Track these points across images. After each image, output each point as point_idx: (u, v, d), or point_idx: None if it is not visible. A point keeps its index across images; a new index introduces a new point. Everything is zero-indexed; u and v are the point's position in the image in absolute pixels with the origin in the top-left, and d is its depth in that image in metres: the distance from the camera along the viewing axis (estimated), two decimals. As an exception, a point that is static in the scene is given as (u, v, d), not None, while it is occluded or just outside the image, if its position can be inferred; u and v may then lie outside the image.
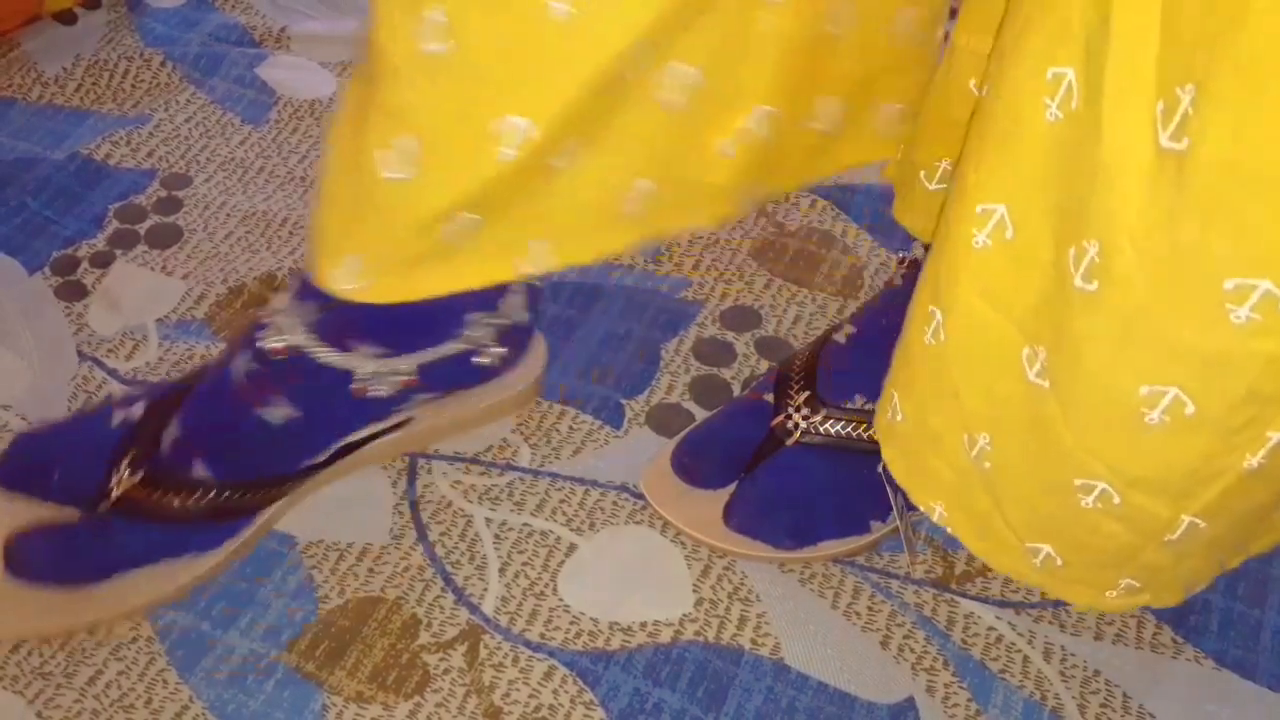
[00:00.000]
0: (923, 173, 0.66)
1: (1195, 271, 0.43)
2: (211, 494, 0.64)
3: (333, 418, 0.67)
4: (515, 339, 0.70)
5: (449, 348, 0.66)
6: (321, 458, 0.68)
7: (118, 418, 0.67)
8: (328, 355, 0.63)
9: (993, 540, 0.59)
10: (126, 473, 0.64)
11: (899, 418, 0.60)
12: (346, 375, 0.64)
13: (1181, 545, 0.53)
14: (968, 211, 0.50)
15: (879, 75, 0.62)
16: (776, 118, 0.58)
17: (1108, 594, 0.58)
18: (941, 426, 0.57)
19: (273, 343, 0.63)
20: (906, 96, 0.65)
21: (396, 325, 0.63)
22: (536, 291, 0.70)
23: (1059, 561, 0.56)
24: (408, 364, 0.65)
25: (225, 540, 0.66)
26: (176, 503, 0.64)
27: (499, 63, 0.51)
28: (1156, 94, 0.42)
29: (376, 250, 0.58)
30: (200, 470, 0.64)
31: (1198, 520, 0.51)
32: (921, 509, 0.62)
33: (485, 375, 0.71)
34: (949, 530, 0.61)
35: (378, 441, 0.70)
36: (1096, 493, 0.51)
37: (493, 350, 0.68)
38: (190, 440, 0.65)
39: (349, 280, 0.59)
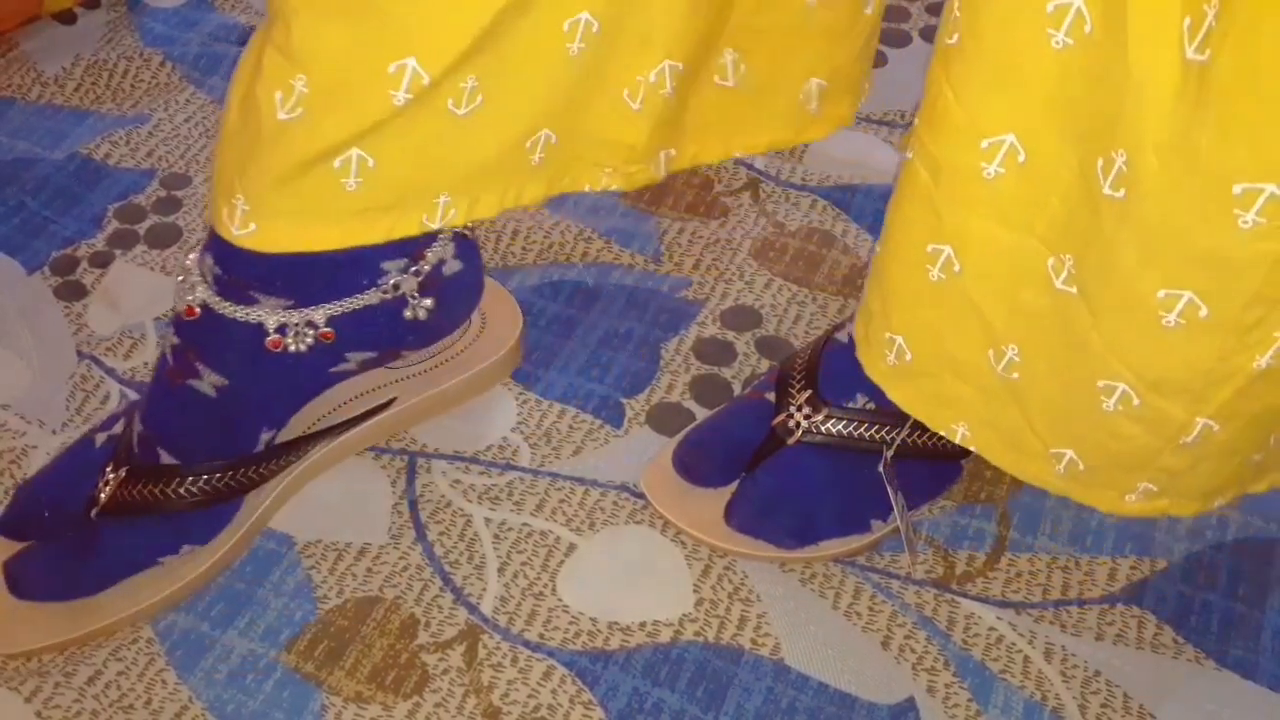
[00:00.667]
0: None
1: (1209, 178, 0.45)
2: (188, 480, 0.64)
3: (266, 381, 0.64)
4: (447, 290, 0.67)
5: (364, 299, 0.64)
6: (287, 433, 0.67)
7: (100, 439, 0.67)
8: (233, 309, 0.61)
9: (1019, 451, 0.61)
10: (111, 476, 0.64)
11: (908, 358, 0.61)
12: (258, 330, 0.62)
13: (1197, 448, 0.55)
14: (969, 148, 0.53)
15: (794, 41, 0.64)
16: (681, 73, 0.59)
17: (1127, 497, 0.60)
18: (963, 350, 0.59)
19: (183, 302, 0.62)
20: (829, 71, 0.66)
21: (298, 274, 0.61)
22: (468, 242, 0.68)
23: (1081, 466, 0.59)
24: (318, 315, 0.63)
25: (219, 531, 0.66)
26: (157, 492, 0.64)
27: (403, 5, 0.52)
28: (1183, 11, 0.44)
29: (262, 192, 0.57)
30: (166, 458, 0.64)
31: (1211, 422, 0.53)
32: (944, 434, 0.63)
33: (427, 333, 0.68)
34: (974, 449, 0.63)
35: (366, 424, 0.70)
36: (1118, 395, 0.53)
37: (420, 303, 0.65)
38: (149, 429, 0.64)
39: (241, 225, 0.58)
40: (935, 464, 0.71)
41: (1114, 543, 0.71)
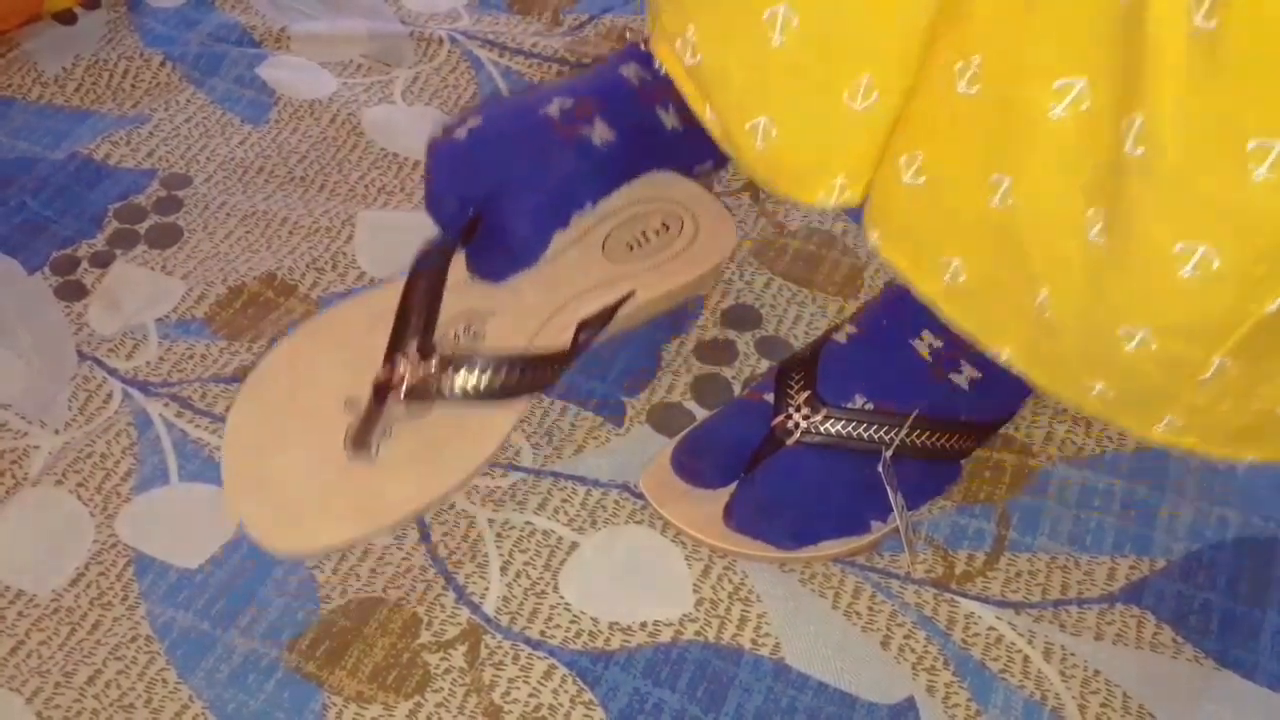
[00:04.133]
0: None
1: (1223, 136, 0.48)
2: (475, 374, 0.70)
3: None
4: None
5: None
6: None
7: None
8: None
9: (1056, 377, 0.63)
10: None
11: (962, 279, 0.63)
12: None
13: (1214, 385, 0.57)
14: (1041, 87, 0.54)
15: None
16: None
17: (1155, 428, 0.62)
18: (1010, 280, 0.61)
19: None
20: None
21: None
22: None
23: (1110, 395, 0.61)
24: None
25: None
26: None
27: None
28: None
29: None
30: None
31: (1226, 360, 0.55)
32: (990, 352, 0.64)
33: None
34: (1016, 369, 0.64)
35: (616, 318, 0.75)
36: (1137, 340, 0.56)
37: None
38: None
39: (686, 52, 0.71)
40: (934, 464, 0.71)
41: (1113, 542, 0.71)
